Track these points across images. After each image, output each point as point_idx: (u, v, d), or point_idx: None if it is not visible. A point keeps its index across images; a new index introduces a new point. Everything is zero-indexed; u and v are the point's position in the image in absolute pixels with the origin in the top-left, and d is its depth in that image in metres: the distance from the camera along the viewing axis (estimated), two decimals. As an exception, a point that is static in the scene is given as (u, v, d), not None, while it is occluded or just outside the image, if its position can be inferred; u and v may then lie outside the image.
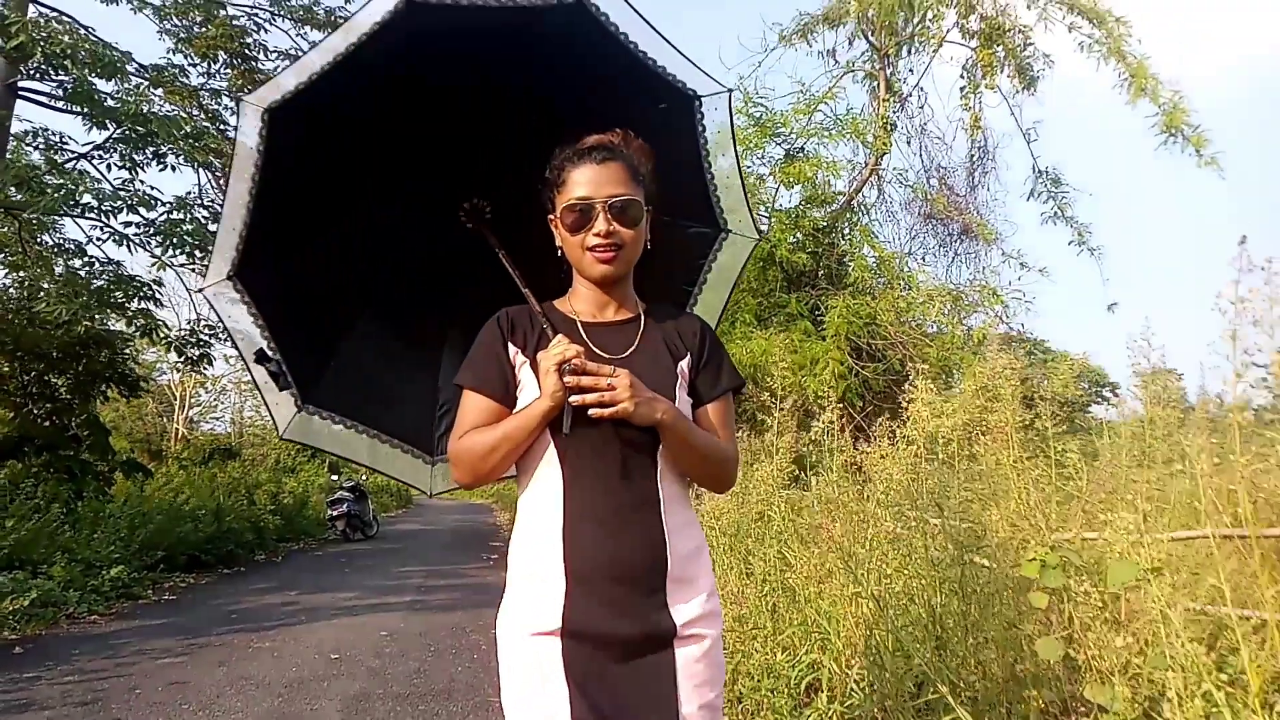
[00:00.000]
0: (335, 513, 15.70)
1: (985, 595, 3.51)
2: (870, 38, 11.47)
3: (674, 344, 1.78)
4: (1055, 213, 11.93)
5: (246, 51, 12.90)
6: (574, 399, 1.57)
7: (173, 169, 11.16)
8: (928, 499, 4.34)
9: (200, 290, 2.01)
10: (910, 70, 11.95)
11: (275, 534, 14.17)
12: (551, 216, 1.78)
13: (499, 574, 11.17)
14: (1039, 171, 12.00)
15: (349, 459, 2.29)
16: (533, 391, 1.66)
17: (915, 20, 10.82)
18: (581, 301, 1.80)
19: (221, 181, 12.36)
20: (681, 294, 2.29)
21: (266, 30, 13.19)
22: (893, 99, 11.78)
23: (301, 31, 14.88)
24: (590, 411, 1.57)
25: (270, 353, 2.04)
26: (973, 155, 12.07)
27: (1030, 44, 10.80)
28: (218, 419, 35.60)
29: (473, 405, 1.72)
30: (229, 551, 11.44)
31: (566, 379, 1.57)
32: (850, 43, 11.98)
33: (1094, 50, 9.67)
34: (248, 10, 14.01)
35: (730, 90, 2.13)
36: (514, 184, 2.16)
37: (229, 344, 14.09)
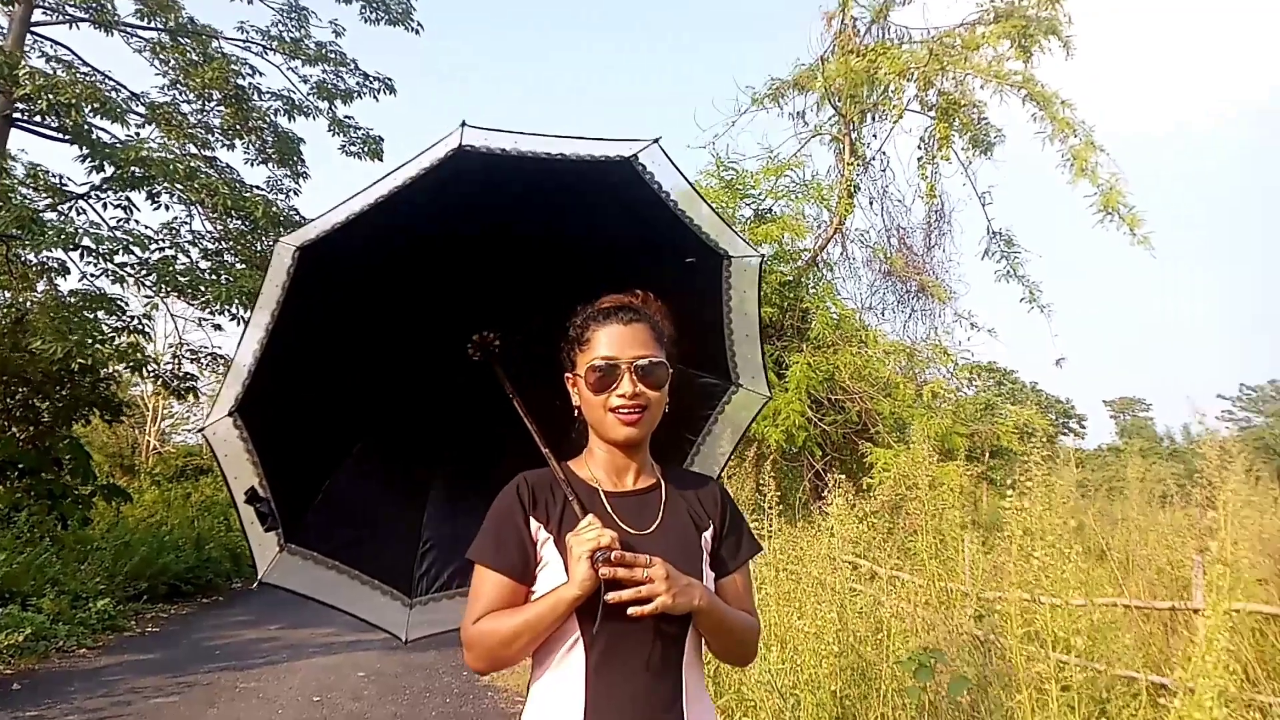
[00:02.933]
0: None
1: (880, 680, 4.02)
2: (836, 105, 12.14)
3: (697, 515, 1.76)
4: (1008, 272, 12.65)
5: (241, 92, 13.38)
6: (610, 596, 1.51)
7: (166, 208, 11.59)
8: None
9: (201, 430, 2.01)
10: (874, 136, 12.65)
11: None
12: (570, 375, 1.77)
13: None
14: (993, 233, 12.71)
15: (325, 603, 2.21)
16: (556, 571, 1.62)
17: (877, 92, 11.50)
18: (600, 466, 1.76)
19: (214, 221, 12.79)
20: (685, 443, 2.27)
21: (261, 74, 13.64)
22: (857, 162, 12.46)
23: (292, 65, 15.39)
24: (630, 610, 1.51)
25: (261, 491, 2.03)
26: (930, 218, 12.78)
27: (984, 118, 11.55)
28: (190, 431, 35.57)
29: (490, 585, 1.63)
30: (208, 581, 11.80)
31: (602, 570, 1.52)
32: (818, 108, 12.66)
33: (1040, 131, 10.40)
34: (241, 43, 14.53)
35: (762, 256, 2.16)
36: (528, 326, 2.22)
37: (209, 369, 14.58)
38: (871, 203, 13.13)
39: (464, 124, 1.70)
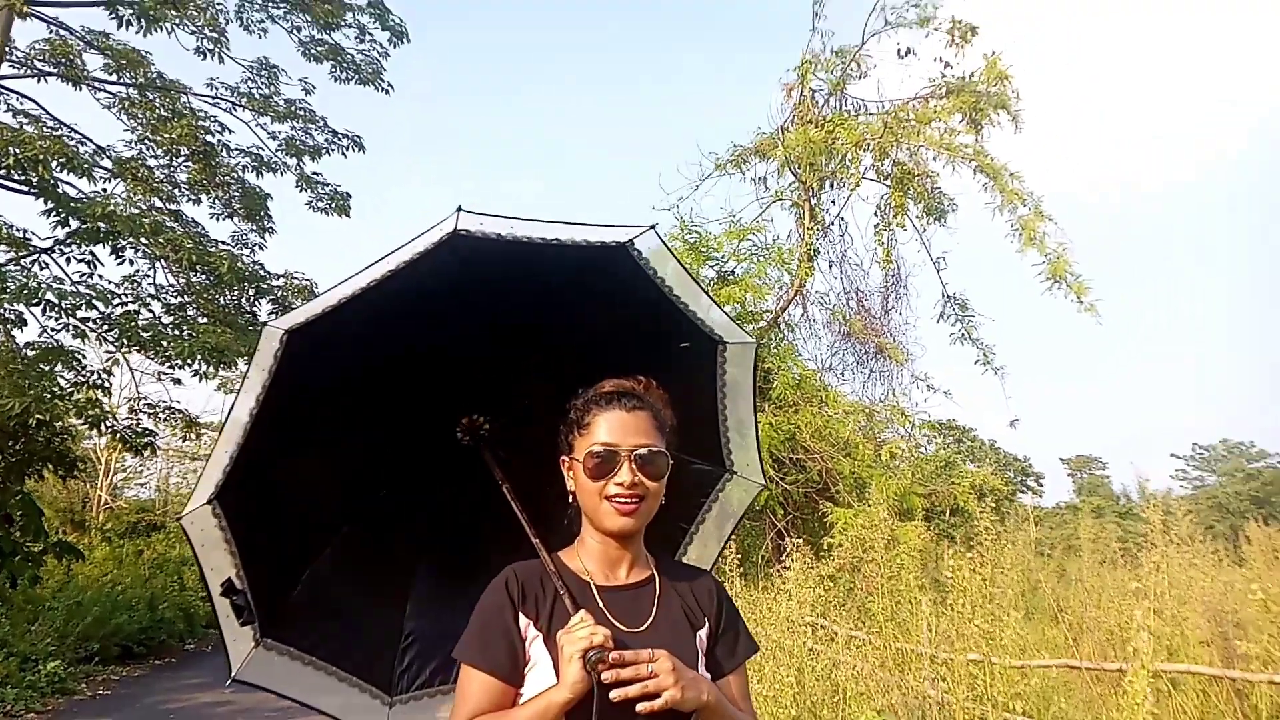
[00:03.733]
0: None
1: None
2: (796, 171, 12.55)
3: (691, 611, 1.69)
4: (963, 334, 13.02)
5: (209, 148, 13.49)
6: (615, 694, 1.42)
7: (130, 263, 11.58)
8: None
9: (179, 518, 1.95)
10: (832, 202, 13.06)
11: (205, 620, 14.21)
12: (567, 458, 1.72)
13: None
14: (947, 297, 13.10)
15: (300, 702, 2.11)
16: (545, 671, 1.54)
17: (835, 160, 11.92)
18: (592, 557, 1.69)
19: (178, 275, 12.78)
20: (678, 532, 2.22)
21: (231, 131, 13.78)
22: (816, 227, 12.83)
23: (260, 122, 15.55)
24: (639, 707, 1.43)
25: (238, 583, 1.96)
26: (887, 282, 13.16)
27: (937, 188, 12.00)
28: (143, 485, 34.78)
29: (476, 686, 1.55)
30: (161, 642, 11.53)
31: (604, 675, 1.43)
32: (779, 174, 13.07)
33: (990, 202, 10.84)
34: (210, 99, 14.67)
35: (757, 343, 2.12)
36: (518, 410, 2.20)
37: (167, 423, 14.40)
38: (831, 266, 13.49)
39: (460, 209, 1.68)
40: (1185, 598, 6.51)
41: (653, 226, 1.89)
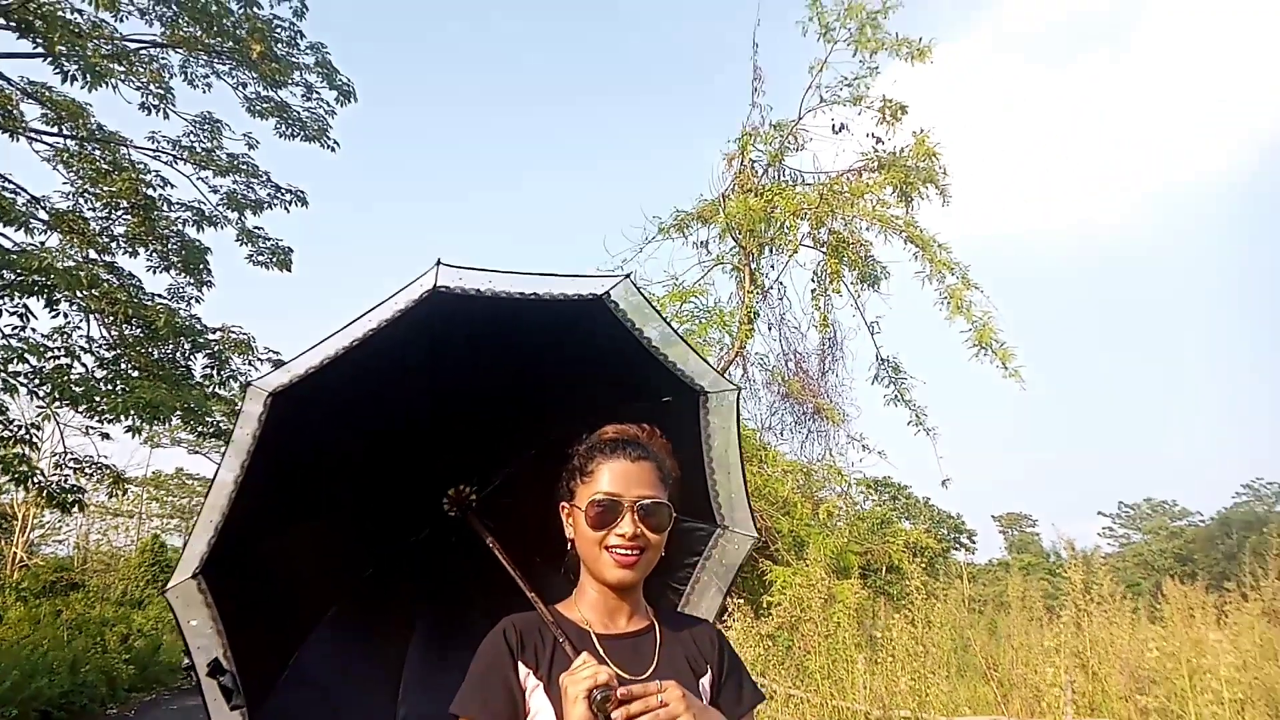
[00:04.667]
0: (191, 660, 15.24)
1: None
2: (737, 237, 12.96)
3: (694, 658, 1.68)
4: (896, 396, 13.43)
5: (150, 201, 13.38)
6: None
7: (64, 315, 11.35)
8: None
9: (164, 591, 1.87)
10: (772, 267, 13.48)
11: (129, 684, 13.65)
12: (567, 505, 1.71)
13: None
14: (881, 360, 13.54)
15: None
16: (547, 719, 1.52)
17: (774, 228, 12.36)
18: (590, 608, 1.67)
19: (110, 328, 12.55)
20: (672, 592, 2.18)
21: (174, 185, 13.71)
22: (756, 290, 13.22)
23: (202, 176, 15.48)
24: None
25: (225, 664, 1.89)
26: (824, 345, 13.58)
27: (871, 256, 12.51)
28: (60, 542, 33.34)
29: None
30: (83, 706, 11.06)
31: (614, 714, 1.41)
32: (720, 239, 13.47)
33: (920, 271, 11.36)
34: (151, 152, 14.58)
35: (739, 389, 2.08)
36: (504, 474, 2.17)
37: (94, 479, 13.96)
38: (770, 328, 13.87)
39: (439, 262, 1.66)
40: (1105, 654, 6.76)
41: (628, 275, 1.88)
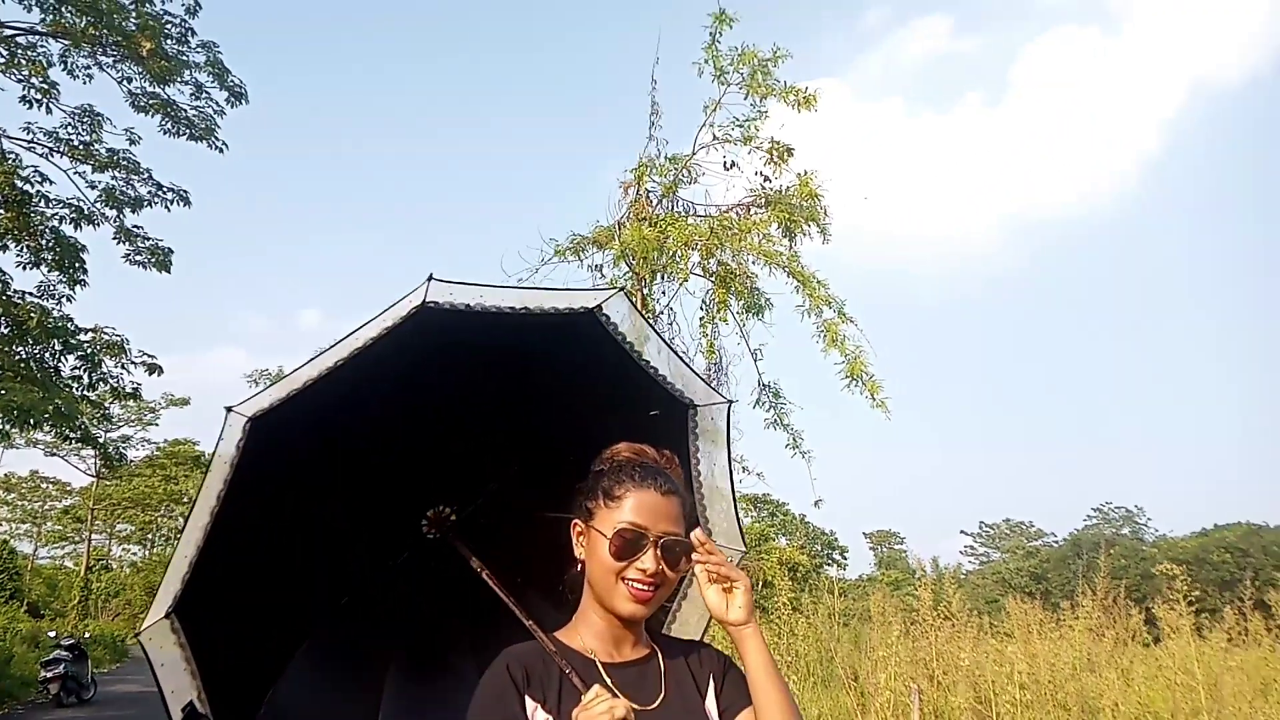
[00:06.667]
0: (50, 674, 14.54)
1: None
2: (630, 263, 13.37)
3: (699, 681, 1.66)
4: (775, 420, 14.08)
5: (24, 196, 12.82)
6: None
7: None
8: None
9: (138, 634, 1.80)
10: (663, 293, 13.94)
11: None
12: (582, 524, 1.65)
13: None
14: (763, 385, 14.17)
15: None
16: None
17: (666, 256, 12.84)
18: (595, 636, 1.63)
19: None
20: (662, 610, 2.06)
21: (53, 182, 13.19)
22: (648, 315, 13.67)
23: (80, 170, 14.90)
24: None
25: (200, 706, 1.83)
26: (710, 370, 14.11)
27: (756, 288, 13.14)
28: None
29: None
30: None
31: None
32: (614, 263, 13.86)
33: (800, 305, 12.03)
34: (25, 143, 13.97)
35: (730, 402, 2.06)
36: (486, 493, 2.14)
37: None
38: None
39: (431, 277, 1.63)
40: (949, 666, 7.41)
41: (622, 289, 1.90)
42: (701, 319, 13.75)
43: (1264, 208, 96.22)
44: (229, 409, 1.67)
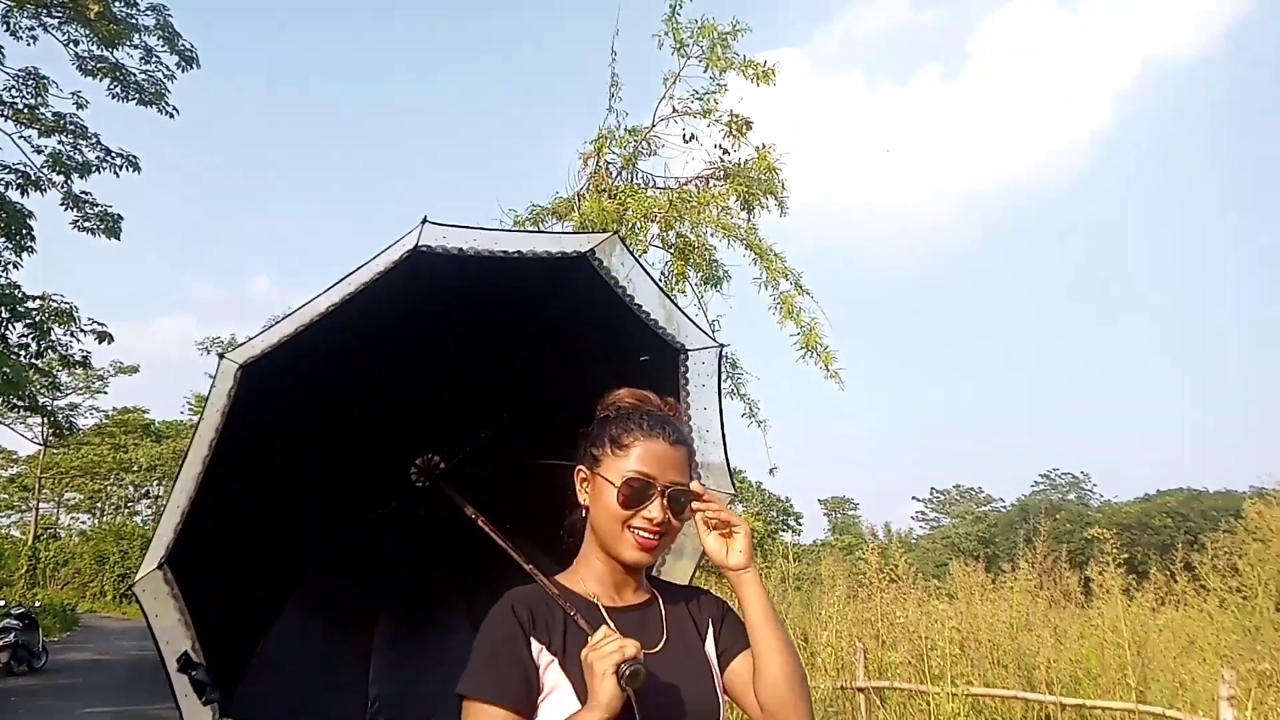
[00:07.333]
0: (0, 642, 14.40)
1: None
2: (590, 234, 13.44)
3: (699, 624, 1.69)
4: (732, 390, 14.33)
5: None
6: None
7: None
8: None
9: (131, 587, 1.78)
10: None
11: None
12: (587, 470, 1.65)
13: (196, 717, 10.95)
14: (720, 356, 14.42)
15: None
16: (565, 696, 1.48)
17: (626, 227, 12.93)
18: (596, 580, 1.64)
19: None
20: None
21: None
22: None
23: (25, 135, 14.54)
24: None
25: (195, 656, 1.83)
26: (668, 340, 14.32)
27: (715, 260, 13.31)
28: None
29: None
30: None
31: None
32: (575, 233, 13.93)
33: (757, 278, 12.23)
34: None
35: (722, 346, 2.08)
36: (476, 441, 2.12)
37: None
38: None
39: (425, 220, 1.62)
40: (892, 626, 7.75)
41: (616, 232, 1.84)
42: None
43: (1210, 183, 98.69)
44: (222, 355, 1.67)
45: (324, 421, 2.03)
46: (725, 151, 12.74)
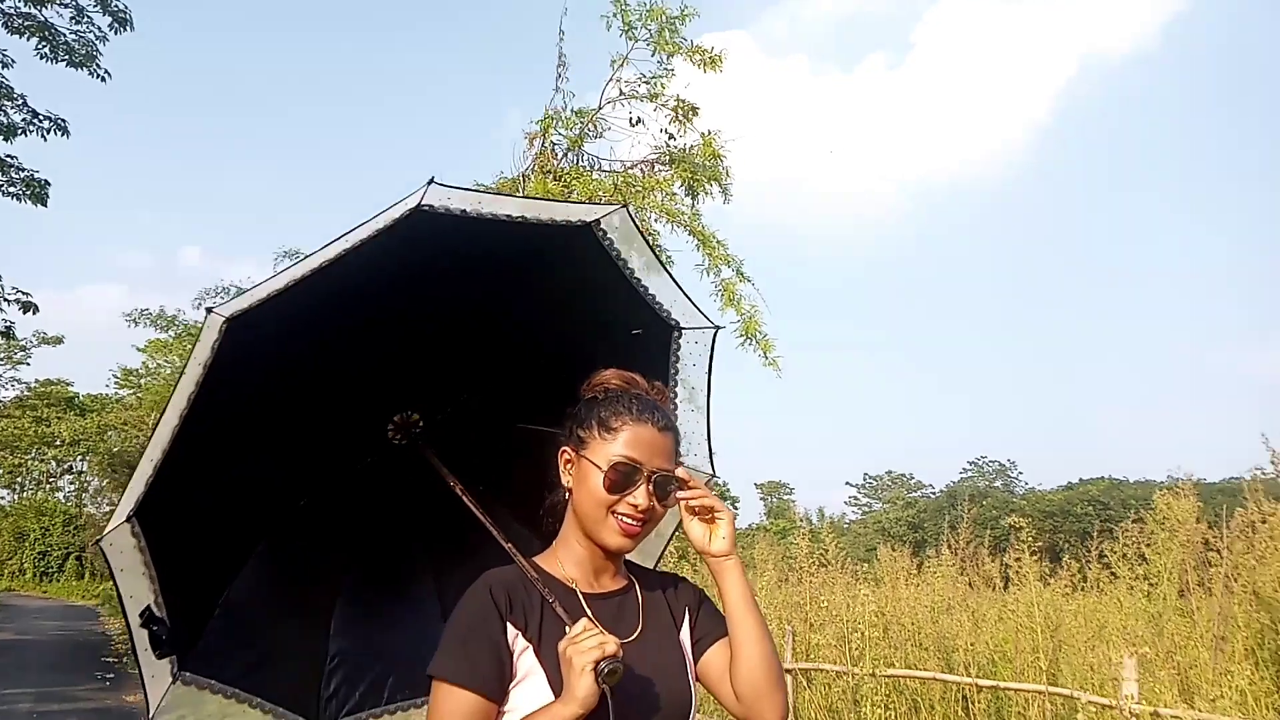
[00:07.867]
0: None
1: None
2: (534, 215, 13.38)
3: (675, 613, 1.67)
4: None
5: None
6: None
7: None
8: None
9: (97, 541, 1.77)
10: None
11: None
12: (572, 452, 1.62)
13: (119, 695, 10.74)
14: (662, 341, 14.53)
15: None
16: (537, 685, 1.45)
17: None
18: (575, 564, 1.61)
19: None
20: None
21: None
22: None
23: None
24: None
25: (157, 611, 1.80)
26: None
27: (659, 245, 13.35)
28: None
29: (458, 706, 1.41)
30: None
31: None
32: (518, 214, 13.84)
33: (699, 265, 12.33)
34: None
35: (718, 328, 2.03)
36: (458, 404, 2.10)
37: None
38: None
39: (432, 180, 1.59)
40: (820, 609, 7.96)
41: (625, 205, 1.86)
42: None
43: (1142, 177, 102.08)
44: (209, 310, 1.63)
45: (305, 376, 2.01)
46: (671, 137, 12.78)
